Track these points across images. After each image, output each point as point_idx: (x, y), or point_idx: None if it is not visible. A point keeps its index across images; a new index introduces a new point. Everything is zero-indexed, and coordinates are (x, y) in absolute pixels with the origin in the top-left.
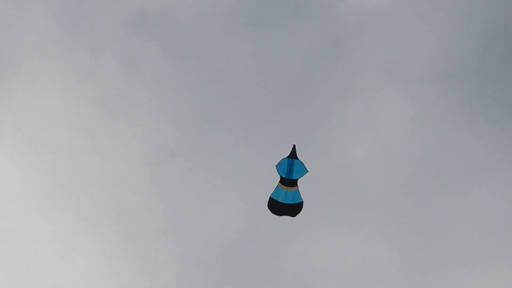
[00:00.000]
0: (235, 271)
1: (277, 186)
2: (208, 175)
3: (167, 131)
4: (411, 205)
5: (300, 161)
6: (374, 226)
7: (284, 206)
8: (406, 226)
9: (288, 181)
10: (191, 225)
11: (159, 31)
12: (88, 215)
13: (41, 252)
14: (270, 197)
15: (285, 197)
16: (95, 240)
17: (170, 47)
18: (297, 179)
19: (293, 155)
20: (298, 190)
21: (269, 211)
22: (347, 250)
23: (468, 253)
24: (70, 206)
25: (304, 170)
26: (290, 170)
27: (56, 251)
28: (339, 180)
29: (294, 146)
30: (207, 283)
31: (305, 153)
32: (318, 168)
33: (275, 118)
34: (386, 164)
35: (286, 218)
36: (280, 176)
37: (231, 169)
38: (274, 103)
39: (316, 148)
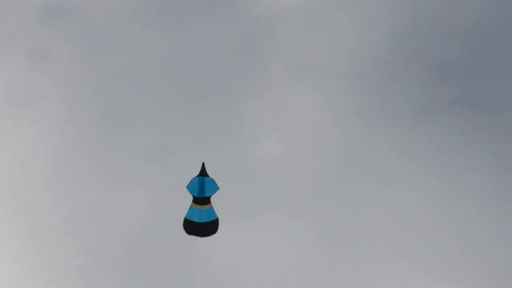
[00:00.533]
0: (140, 268)
1: (190, 206)
2: (114, 170)
3: (73, 125)
4: (320, 201)
5: (211, 178)
6: (283, 222)
7: (200, 225)
8: (316, 221)
9: (201, 200)
10: (95, 221)
11: (69, 22)
12: None
13: None
14: (185, 218)
15: (199, 216)
16: None
17: (79, 39)
18: (209, 197)
19: (203, 173)
20: (212, 207)
21: (185, 231)
22: (255, 245)
23: (380, 248)
24: None
25: (215, 187)
26: (202, 189)
27: None
28: (248, 175)
29: (203, 164)
30: (110, 281)
31: (217, 147)
32: (228, 162)
33: (187, 113)
34: (295, 160)
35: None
36: (193, 196)
37: (139, 164)
38: (186, 99)
39: (227, 142)
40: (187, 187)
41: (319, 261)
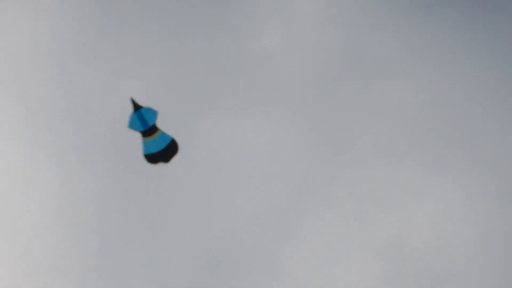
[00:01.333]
0: (135, 150)
1: (142, 142)
2: (114, 54)
3: (72, 6)
4: (321, 97)
5: (146, 107)
6: (282, 116)
7: (161, 153)
8: (315, 117)
9: (148, 131)
10: (91, 104)
11: None
12: None
13: None
14: (144, 155)
15: (155, 146)
16: None
17: None
18: (155, 124)
19: (136, 106)
20: (162, 132)
21: (152, 165)
22: (252, 136)
23: (375, 144)
24: None
25: (154, 112)
26: (144, 121)
27: None
28: (249, 68)
29: (131, 99)
30: (102, 161)
31: (218, 39)
32: (229, 55)
33: (188, 2)
34: (297, 54)
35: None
36: (140, 132)
37: (138, 48)
38: None
39: (228, 34)
40: (128, 127)
41: (315, 156)
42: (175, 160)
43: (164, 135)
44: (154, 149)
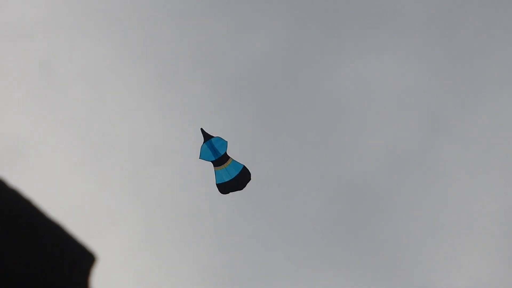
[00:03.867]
0: None
1: (214, 171)
2: None
3: None
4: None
5: (216, 137)
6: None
7: (234, 181)
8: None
9: (220, 160)
10: None
11: None
12: None
13: None
14: (216, 184)
15: (228, 174)
16: None
17: None
18: (225, 153)
19: (206, 137)
20: (233, 160)
21: (225, 195)
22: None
23: None
24: None
25: (224, 142)
26: (214, 150)
27: None
28: None
29: (201, 129)
30: None
31: None
32: None
33: None
34: None
35: None
36: (211, 162)
37: None
38: None
39: None
40: (200, 157)
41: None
42: (248, 187)
43: (235, 163)
44: (227, 177)
